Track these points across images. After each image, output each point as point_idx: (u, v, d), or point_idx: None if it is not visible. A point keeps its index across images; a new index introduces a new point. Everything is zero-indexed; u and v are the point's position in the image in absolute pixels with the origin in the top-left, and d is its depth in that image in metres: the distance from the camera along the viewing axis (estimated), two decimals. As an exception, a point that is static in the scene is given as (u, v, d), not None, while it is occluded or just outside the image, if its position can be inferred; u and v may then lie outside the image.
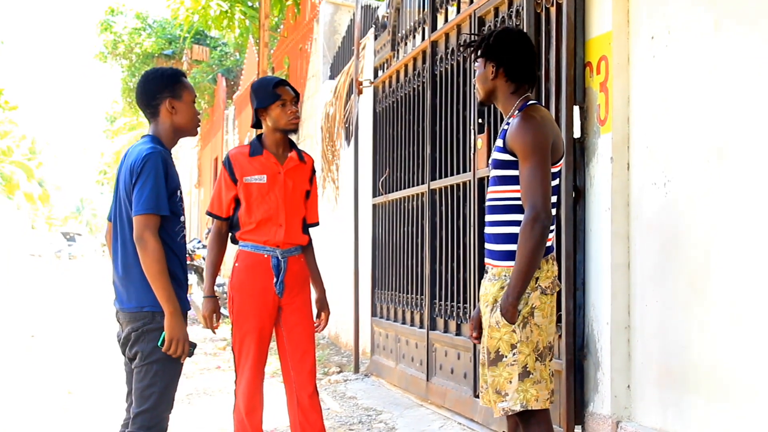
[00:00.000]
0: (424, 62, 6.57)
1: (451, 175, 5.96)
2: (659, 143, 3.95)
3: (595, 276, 4.27)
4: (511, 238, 3.27)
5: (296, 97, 4.28)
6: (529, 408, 3.24)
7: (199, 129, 3.71)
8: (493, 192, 3.37)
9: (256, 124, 4.33)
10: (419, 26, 6.75)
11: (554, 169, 3.30)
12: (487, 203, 3.41)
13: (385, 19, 7.75)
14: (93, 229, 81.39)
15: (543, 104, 4.60)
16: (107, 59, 23.63)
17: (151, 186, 3.34)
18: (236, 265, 4.27)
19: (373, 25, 8.28)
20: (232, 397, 4.32)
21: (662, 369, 3.90)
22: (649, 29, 4.04)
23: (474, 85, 3.56)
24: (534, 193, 3.17)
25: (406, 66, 7.05)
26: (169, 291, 3.34)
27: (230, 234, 4.35)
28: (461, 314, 5.71)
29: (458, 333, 5.79)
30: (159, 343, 3.36)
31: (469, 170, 5.60)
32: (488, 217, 3.38)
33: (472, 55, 3.50)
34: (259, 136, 4.33)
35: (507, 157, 3.29)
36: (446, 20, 6.15)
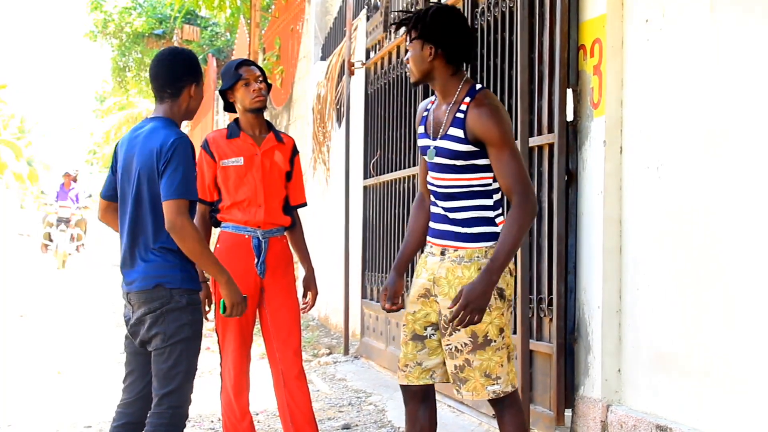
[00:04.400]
0: (416, 44, 6.53)
1: (443, 157, 5.93)
2: (653, 127, 3.94)
3: (586, 260, 4.27)
4: (482, 221, 3.24)
5: (261, 76, 4.24)
6: (515, 387, 3.25)
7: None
8: (450, 180, 3.27)
9: (228, 108, 4.33)
10: (412, 7, 6.71)
11: None
12: (443, 190, 3.29)
13: (378, 0, 7.71)
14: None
15: (536, 87, 4.59)
16: (97, 38, 23.46)
17: (183, 171, 3.32)
18: (218, 246, 4.25)
19: (366, 6, 8.24)
20: (218, 379, 4.31)
21: (653, 353, 3.90)
22: (643, 12, 4.02)
23: (405, 63, 3.47)
24: (520, 180, 3.15)
25: (398, 47, 7.02)
26: (217, 263, 3.39)
27: (212, 217, 4.33)
28: (452, 297, 5.69)
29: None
30: (221, 311, 3.45)
31: (461, 153, 5.57)
32: (448, 204, 3.28)
33: (406, 35, 3.33)
34: (236, 120, 4.32)
35: (469, 147, 3.20)
36: (439, 1, 6.11)
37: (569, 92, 4.34)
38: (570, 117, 4.34)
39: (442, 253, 3.31)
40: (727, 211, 3.49)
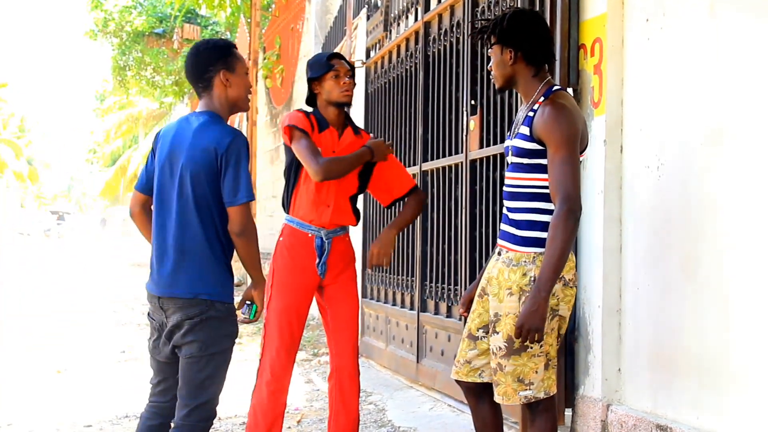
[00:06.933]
0: (416, 43, 6.54)
1: (443, 156, 5.94)
2: (653, 126, 3.94)
3: (587, 259, 4.26)
4: (537, 226, 3.23)
5: (351, 72, 4.21)
6: (551, 394, 3.26)
7: (249, 103, 3.56)
8: (516, 179, 3.30)
9: (310, 100, 4.26)
10: (412, 6, 6.71)
11: (581, 158, 3.27)
12: (509, 189, 3.34)
13: (378, -1, 7.71)
14: (82, 208, 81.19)
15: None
16: (97, 37, 23.44)
17: (246, 172, 3.25)
18: (281, 239, 4.20)
19: (366, 5, 8.24)
20: (253, 376, 4.18)
21: (653, 352, 3.90)
22: (643, 11, 4.02)
23: (489, 71, 3.49)
24: (566, 186, 3.11)
25: (398, 46, 7.02)
26: (261, 267, 3.41)
27: (284, 202, 4.27)
28: (452, 296, 5.70)
29: (449, 315, 5.78)
30: (251, 315, 3.44)
31: (461, 152, 5.58)
32: (511, 203, 3.32)
33: (485, 41, 3.40)
34: (317, 110, 4.23)
35: (534, 146, 3.22)
36: (439, 1, 6.11)
37: (570, 91, 4.33)
38: (570, 116, 4.33)
39: (499, 253, 3.36)
40: (727, 211, 3.48)
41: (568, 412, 4.37)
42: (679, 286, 3.73)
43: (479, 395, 3.44)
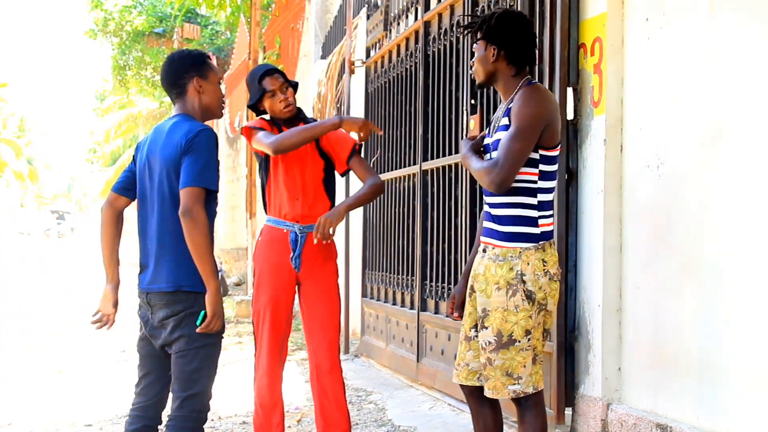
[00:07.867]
0: (416, 42, 6.54)
1: (443, 156, 5.94)
2: (653, 126, 3.94)
3: (587, 258, 4.27)
4: (519, 221, 3.25)
5: (285, 83, 4.24)
6: (539, 389, 3.27)
7: (224, 111, 3.69)
8: None
9: (264, 113, 4.35)
10: (412, 6, 6.71)
11: (552, 153, 3.28)
12: None
13: (378, -1, 7.70)
14: (83, 208, 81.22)
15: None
16: (97, 37, 23.44)
17: (205, 160, 3.30)
18: (259, 239, 4.30)
19: (366, 5, 8.24)
20: (251, 369, 4.32)
21: (653, 352, 3.90)
22: (643, 11, 4.02)
23: (470, 66, 3.55)
24: (501, 155, 3.18)
25: (398, 46, 7.02)
26: (214, 267, 3.32)
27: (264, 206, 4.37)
28: (452, 296, 5.70)
29: (449, 314, 5.78)
30: (198, 322, 3.31)
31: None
32: (491, 199, 3.34)
33: (472, 37, 3.47)
34: (272, 118, 4.32)
35: None
36: (439, 0, 6.11)
37: (569, 91, 4.33)
38: (570, 116, 4.33)
39: (484, 251, 3.38)
40: (726, 210, 3.48)
41: (568, 411, 4.37)
42: (679, 286, 3.73)
43: (480, 398, 3.45)
